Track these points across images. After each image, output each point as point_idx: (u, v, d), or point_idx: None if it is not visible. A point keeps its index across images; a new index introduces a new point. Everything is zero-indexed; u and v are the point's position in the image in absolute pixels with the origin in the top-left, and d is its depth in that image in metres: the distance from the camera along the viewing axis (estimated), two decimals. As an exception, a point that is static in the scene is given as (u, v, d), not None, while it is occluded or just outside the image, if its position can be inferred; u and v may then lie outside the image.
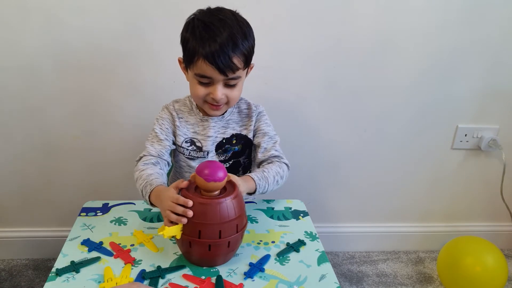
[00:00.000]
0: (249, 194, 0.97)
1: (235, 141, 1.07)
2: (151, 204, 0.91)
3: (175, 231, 0.78)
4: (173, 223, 0.79)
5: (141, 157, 1.03)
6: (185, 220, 0.77)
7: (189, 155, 1.06)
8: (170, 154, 1.08)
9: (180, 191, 0.82)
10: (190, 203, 0.77)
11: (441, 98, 1.51)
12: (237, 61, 0.92)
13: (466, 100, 1.53)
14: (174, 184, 0.83)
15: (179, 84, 1.37)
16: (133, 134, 1.44)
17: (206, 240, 0.78)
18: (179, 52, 1.02)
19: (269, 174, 1.00)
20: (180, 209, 0.78)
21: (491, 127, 1.58)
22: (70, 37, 1.29)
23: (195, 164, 1.06)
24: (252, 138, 1.09)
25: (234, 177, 0.87)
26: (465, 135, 1.58)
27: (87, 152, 1.47)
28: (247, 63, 0.96)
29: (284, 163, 1.07)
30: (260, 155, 1.07)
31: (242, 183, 0.90)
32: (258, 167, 1.08)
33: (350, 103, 1.49)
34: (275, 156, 1.06)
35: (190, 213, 0.77)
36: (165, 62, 1.34)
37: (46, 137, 1.43)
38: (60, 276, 0.78)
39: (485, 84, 1.50)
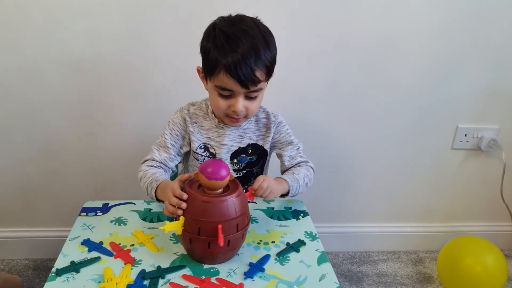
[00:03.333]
0: (282, 196, 0.98)
1: (250, 151, 1.06)
2: (157, 200, 0.93)
3: (176, 226, 0.79)
4: (172, 218, 0.80)
5: (145, 160, 1.04)
6: (180, 212, 0.79)
7: (203, 161, 1.05)
8: (177, 159, 1.08)
9: (185, 186, 0.83)
10: (185, 196, 0.80)
11: (441, 98, 1.51)
12: (259, 74, 0.90)
13: (466, 100, 1.53)
14: (178, 177, 0.85)
15: (179, 84, 1.37)
16: (134, 135, 1.44)
17: (206, 237, 0.78)
18: (179, 53, 1.02)
19: (299, 176, 1.01)
20: (174, 201, 0.80)
21: (491, 127, 1.58)
22: (70, 38, 1.29)
23: None
24: (268, 150, 1.08)
25: (268, 179, 0.90)
26: (465, 135, 1.58)
27: (87, 152, 1.47)
28: (269, 74, 0.94)
29: (310, 167, 1.08)
30: (287, 164, 1.07)
31: (276, 186, 0.93)
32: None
33: (351, 103, 1.49)
34: (302, 162, 1.08)
35: (183, 205, 0.79)
36: (165, 63, 1.34)
37: (47, 138, 1.43)
38: (60, 276, 0.78)
39: (485, 84, 1.50)
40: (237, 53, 0.87)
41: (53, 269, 0.79)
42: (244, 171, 1.07)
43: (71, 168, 1.49)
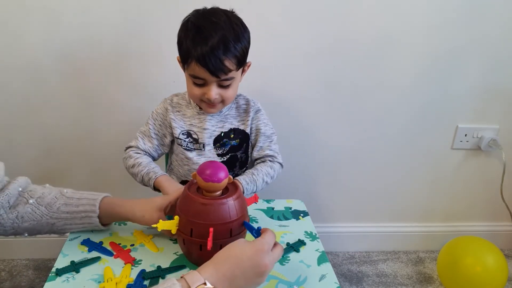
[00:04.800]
0: None
1: (233, 135, 1.10)
2: (155, 189, 1.02)
3: (170, 225, 0.78)
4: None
5: (130, 146, 1.11)
6: None
7: (186, 146, 1.09)
8: (160, 149, 1.13)
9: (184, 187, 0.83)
10: None
11: (441, 98, 1.51)
12: (229, 63, 0.94)
13: (466, 100, 1.53)
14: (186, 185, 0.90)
15: (179, 84, 1.37)
16: (134, 134, 1.44)
17: (198, 239, 0.77)
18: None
19: (258, 177, 1.05)
20: None
21: (491, 127, 1.58)
22: (71, 36, 1.30)
23: (192, 155, 1.09)
24: (249, 133, 1.12)
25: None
26: (465, 135, 1.58)
27: (87, 152, 1.47)
28: (241, 64, 0.99)
29: (277, 162, 1.11)
30: (255, 153, 1.12)
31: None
32: (254, 162, 1.14)
33: (350, 102, 1.49)
34: (269, 156, 1.11)
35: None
36: (165, 62, 1.34)
37: (47, 137, 1.43)
38: (60, 276, 0.78)
39: (485, 84, 1.50)
40: (206, 46, 0.92)
41: (53, 269, 0.79)
42: (228, 156, 1.10)
43: (71, 168, 1.49)
